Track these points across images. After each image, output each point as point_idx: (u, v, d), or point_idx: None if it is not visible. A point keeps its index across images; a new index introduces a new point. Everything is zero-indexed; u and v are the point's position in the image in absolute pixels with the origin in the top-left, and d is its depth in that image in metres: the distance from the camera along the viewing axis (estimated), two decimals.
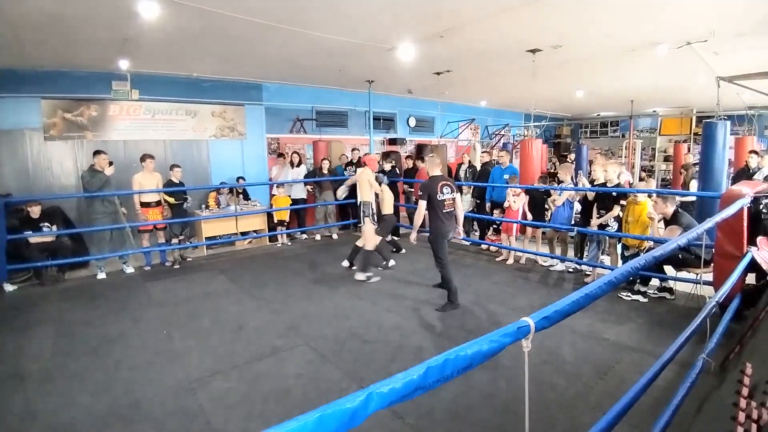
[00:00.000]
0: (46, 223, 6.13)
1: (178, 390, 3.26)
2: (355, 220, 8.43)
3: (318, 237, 8.76)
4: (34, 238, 6.00)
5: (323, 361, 3.67)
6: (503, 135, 14.30)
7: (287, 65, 7.51)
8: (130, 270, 6.59)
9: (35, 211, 6.03)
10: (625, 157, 13.72)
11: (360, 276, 5.77)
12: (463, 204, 7.84)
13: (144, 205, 6.68)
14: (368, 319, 4.58)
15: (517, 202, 6.65)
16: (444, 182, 4.83)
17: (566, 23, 5.27)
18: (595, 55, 6.81)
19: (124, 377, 3.48)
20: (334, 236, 8.85)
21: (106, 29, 5.18)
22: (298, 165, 8.76)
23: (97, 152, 6.32)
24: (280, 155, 9.09)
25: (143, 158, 6.71)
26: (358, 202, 6.19)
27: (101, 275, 6.33)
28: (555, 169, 8.86)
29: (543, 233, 6.78)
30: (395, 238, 7.76)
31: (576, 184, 6.42)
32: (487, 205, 7.37)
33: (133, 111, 7.82)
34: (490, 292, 5.40)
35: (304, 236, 8.92)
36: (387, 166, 8.99)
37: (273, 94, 9.40)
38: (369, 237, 5.96)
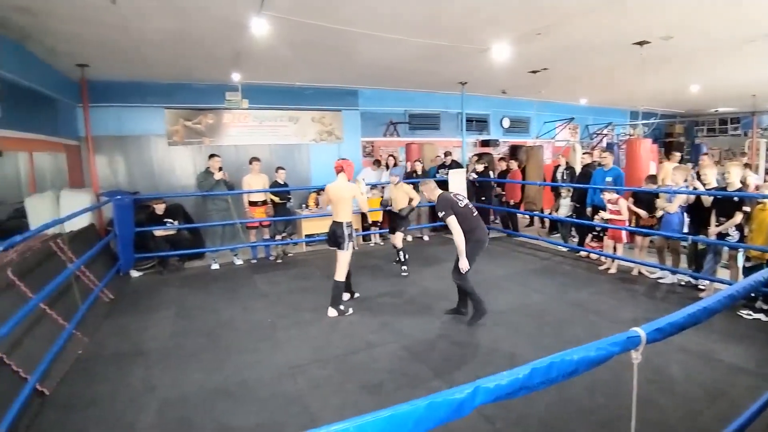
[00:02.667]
0: (170, 219, 6.92)
1: (280, 374, 3.55)
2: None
3: (409, 238, 8.89)
4: (159, 231, 6.80)
5: (414, 359, 3.76)
6: (606, 135, 13.37)
7: (382, 71, 7.74)
8: (239, 262, 7.26)
9: (160, 208, 6.81)
10: (748, 157, 12.14)
11: (332, 312, 4.78)
12: (561, 207, 7.54)
13: (251, 204, 7.27)
14: (459, 320, 4.58)
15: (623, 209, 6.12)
16: (454, 193, 4.63)
17: (677, 13, 4.84)
18: (711, 46, 6.16)
19: (233, 359, 3.85)
20: (425, 237, 8.93)
21: (221, 45, 5.75)
22: (394, 167, 8.93)
23: (211, 156, 7.06)
24: (377, 162, 9.26)
25: (251, 161, 7.32)
26: (338, 222, 4.75)
27: (215, 266, 7.04)
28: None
29: (651, 241, 6.22)
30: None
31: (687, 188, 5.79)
32: (588, 209, 6.94)
33: (243, 118, 8.61)
34: (589, 302, 5.09)
35: None
36: (480, 168, 8.92)
37: (368, 99, 9.76)
38: (342, 264, 4.79)
